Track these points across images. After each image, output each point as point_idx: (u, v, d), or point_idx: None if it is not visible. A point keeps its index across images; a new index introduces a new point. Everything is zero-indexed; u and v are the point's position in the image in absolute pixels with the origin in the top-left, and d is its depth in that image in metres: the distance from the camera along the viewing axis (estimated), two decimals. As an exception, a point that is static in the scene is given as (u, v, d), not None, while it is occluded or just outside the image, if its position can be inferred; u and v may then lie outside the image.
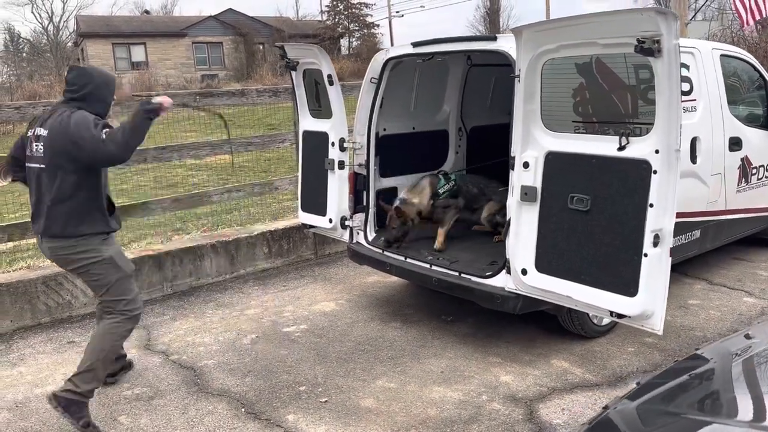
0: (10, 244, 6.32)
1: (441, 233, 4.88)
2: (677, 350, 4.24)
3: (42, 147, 3.42)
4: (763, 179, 5.67)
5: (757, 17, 8.12)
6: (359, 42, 43.48)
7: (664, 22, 2.90)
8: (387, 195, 5.42)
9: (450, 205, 5.00)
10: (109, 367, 3.68)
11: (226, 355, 4.38)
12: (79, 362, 3.54)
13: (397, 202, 4.91)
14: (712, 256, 5.81)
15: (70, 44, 47.55)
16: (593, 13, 3.16)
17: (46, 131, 3.42)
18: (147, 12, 50.23)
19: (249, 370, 4.13)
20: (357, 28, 43.96)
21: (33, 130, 3.51)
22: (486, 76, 5.92)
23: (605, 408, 1.61)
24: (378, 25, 45.16)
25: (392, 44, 40.80)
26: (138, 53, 37.04)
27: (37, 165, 3.46)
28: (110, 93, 3.65)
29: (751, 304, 4.99)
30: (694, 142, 4.64)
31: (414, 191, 4.98)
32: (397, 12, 48.74)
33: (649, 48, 2.96)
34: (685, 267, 5.50)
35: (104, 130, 3.30)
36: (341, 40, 42.74)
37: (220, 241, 5.96)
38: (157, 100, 3.48)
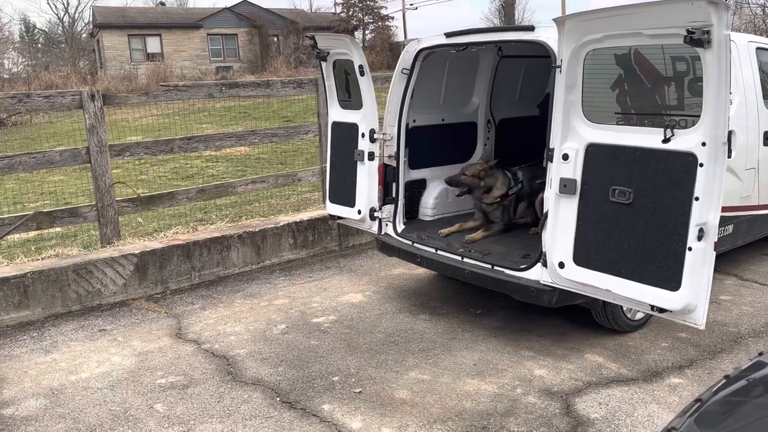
0: (32, 233, 6.38)
1: (481, 234, 4.88)
2: (712, 346, 4.20)
3: None
4: (797, 175, 5.59)
5: None
6: (373, 34, 43.37)
7: (715, 12, 2.86)
8: (416, 187, 5.41)
9: (506, 220, 5.02)
10: None
11: (258, 344, 4.38)
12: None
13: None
14: (741, 252, 5.75)
15: (85, 35, 47.75)
16: (641, 3, 3.11)
17: None
18: (162, 3, 50.32)
19: (281, 360, 4.14)
20: (371, 20, 43.85)
21: None
22: (516, 68, 5.87)
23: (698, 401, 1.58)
24: (392, 18, 45.13)
25: (405, 36, 40.71)
26: (153, 44, 37.14)
27: None
28: None
29: (785, 300, 4.94)
30: (729, 136, 4.57)
31: (493, 177, 4.99)
32: (411, 4, 48.54)
33: (699, 39, 2.92)
34: (715, 262, 5.41)
35: None
36: (355, 33, 42.63)
37: (247, 231, 5.96)
38: None
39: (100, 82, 26.65)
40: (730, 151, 4.60)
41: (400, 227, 5.09)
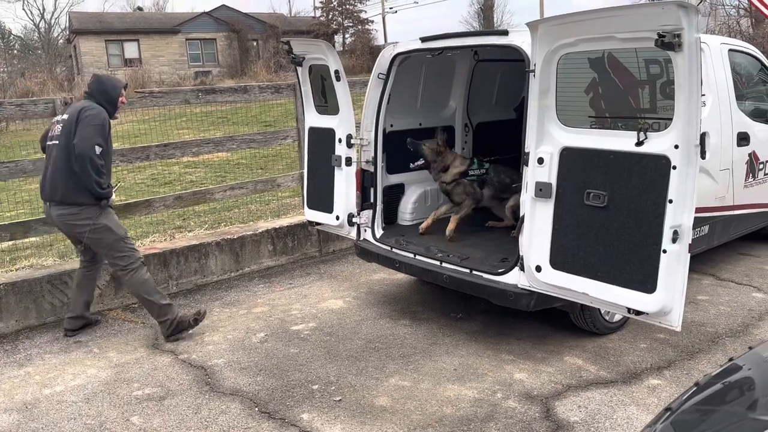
0: (7, 244, 6.26)
1: (454, 220, 4.91)
2: (690, 346, 4.23)
3: (60, 128, 4.30)
4: (770, 174, 5.66)
5: None
6: (353, 38, 43.35)
7: (685, 16, 2.88)
8: (394, 191, 5.40)
9: (470, 194, 5.02)
10: (157, 295, 4.49)
11: (236, 353, 4.33)
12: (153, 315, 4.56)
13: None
14: (717, 252, 5.80)
15: (62, 41, 47.19)
16: (612, 8, 3.13)
17: (66, 116, 4.31)
18: (140, 8, 49.86)
19: (260, 369, 4.10)
20: (351, 24, 43.81)
21: (57, 116, 4.44)
22: (492, 71, 5.89)
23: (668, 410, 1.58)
24: (372, 21, 45.08)
25: (386, 40, 40.77)
26: (131, 50, 36.79)
27: (54, 142, 4.31)
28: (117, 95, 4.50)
29: (761, 299, 4.99)
30: (703, 138, 4.57)
31: (451, 156, 5.05)
32: (391, 8, 48.78)
33: (669, 42, 2.94)
34: (692, 263, 5.44)
35: (98, 148, 4.20)
36: (335, 37, 42.59)
37: (225, 238, 5.91)
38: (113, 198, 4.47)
39: (77, 88, 26.26)
40: (704, 152, 4.67)
41: (379, 232, 5.07)
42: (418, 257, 4.63)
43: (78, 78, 32.94)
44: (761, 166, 5.50)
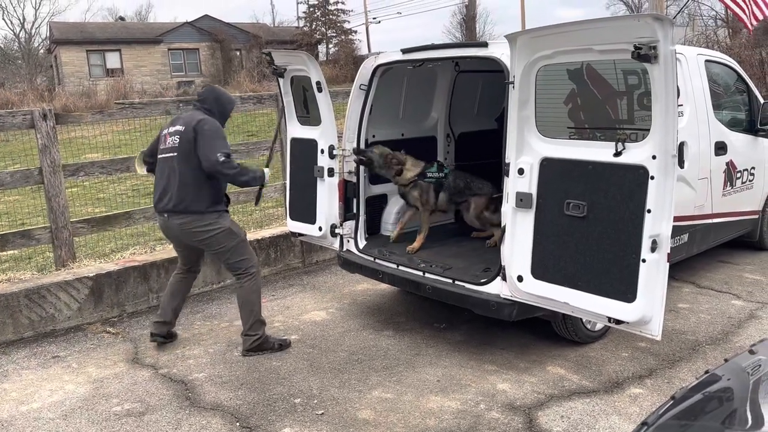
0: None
1: (421, 237, 4.99)
2: (671, 355, 4.26)
3: (177, 139, 4.24)
4: (747, 183, 5.75)
5: (760, 18, 8.20)
6: (337, 48, 43.39)
7: (661, 29, 2.92)
8: (377, 202, 5.39)
9: (425, 197, 5.03)
10: (258, 307, 4.43)
11: (217, 367, 4.29)
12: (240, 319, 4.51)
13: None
14: (697, 260, 5.86)
15: (42, 51, 46.79)
16: (589, 20, 3.16)
17: (181, 127, 4.26)
18: (122, 18, 49.61)
19: (242, 383, 4.06)
20: (334, 34, 43.87)
21: (167, 128, 4.39)
22: (473, 82, 5.92)
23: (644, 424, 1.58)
24: (355, 32, 45.21)
25: (369, 50, 40.86)
26: (113, 60, 36.54)
27: (171, 154, 4.26)
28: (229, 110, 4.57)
29: (740, 306, 5.04)
30: (681, 147, 4.64)
31: (408, 157, 5.05)
32: (374, 18, 48.81)
33: (646, 54, 2.97)
34: (672, 270, 5.50)
35: (219, 154, 4.12)
36: (319, 47, 42.62)
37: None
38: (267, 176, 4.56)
39: (58, 98, 26.02)
40: (682, 161, 4.72)
41: (362, 243, 5.06)
42: (401, 268, 4.62)
43: (59, 88, 32.65)
44: (738, 174, 5.58)
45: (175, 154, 4.25)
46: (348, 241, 5.06)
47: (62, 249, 5.53)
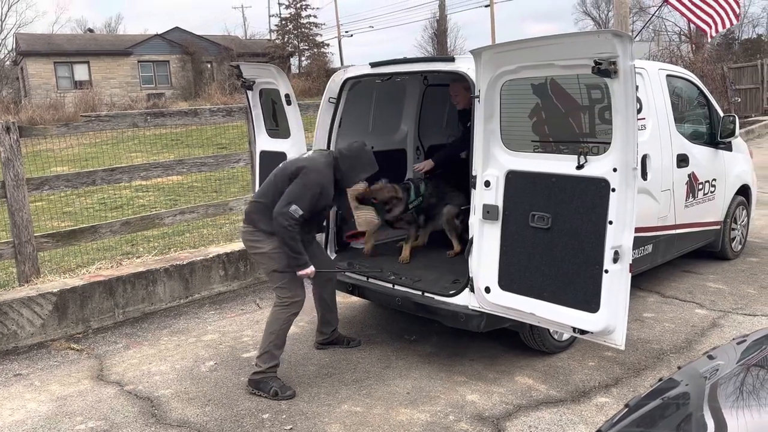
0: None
1: (407, 247, 5.07)
2: (636, 363, 4.32)
3: (285, 163, 4.32)
4: (709, 194, 5.89)
5: (720, 29, 8.42)
6: (309, 61, 43.47)
7: (620, 44, 2.99)
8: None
9: (415, 222, 5.14)
10: (281, 348, 4.15)
11: (184, 383, 4.23)
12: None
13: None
14: (662, 270, 5.97)
15: (8, 63, 45.98)
16: (551, 36, 3.23)
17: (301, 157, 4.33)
18: (90, 30, 49.07)
19: (209, 399, 4.01)
20: (306, 47, 43.96)
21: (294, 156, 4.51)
22: (442, 95, 5.96)
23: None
24: (328, 45, 45.32)
25: (342, 63, 40.98)
26: (81, 72, 36.04)
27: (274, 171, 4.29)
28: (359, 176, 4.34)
29: (703, 315, 5.15)
30: (644, 160, 4.75)
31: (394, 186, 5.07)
32: (347, 32, 49.14)
33: (605, 69, 3.04)
34: (637, 280, 5.62)
35: (294, 207, 3.91)
36: (291, 59, 42.63)
37: (174, 264, 5.79)
38: (301, 273, 4.08)
39: (24, 111, 25.55)
40: (645, 174, 4.84)
41: (332, 256, 5.05)
42: (371, 280, 4.62)
43: (25, 100, 32.10)
44: (700, 186, 5.72)
45: (274, 171, 4.26)
46: (318, 254, 5.04)
47: (26, 264, 5.42)
